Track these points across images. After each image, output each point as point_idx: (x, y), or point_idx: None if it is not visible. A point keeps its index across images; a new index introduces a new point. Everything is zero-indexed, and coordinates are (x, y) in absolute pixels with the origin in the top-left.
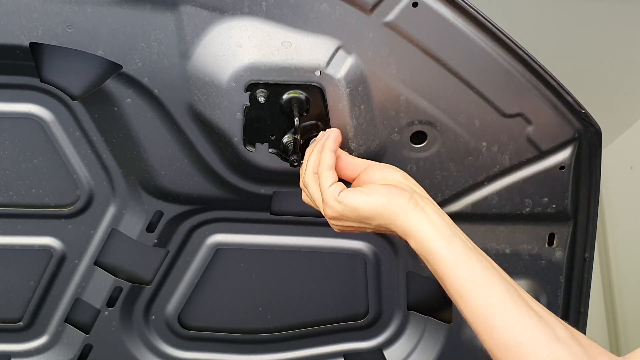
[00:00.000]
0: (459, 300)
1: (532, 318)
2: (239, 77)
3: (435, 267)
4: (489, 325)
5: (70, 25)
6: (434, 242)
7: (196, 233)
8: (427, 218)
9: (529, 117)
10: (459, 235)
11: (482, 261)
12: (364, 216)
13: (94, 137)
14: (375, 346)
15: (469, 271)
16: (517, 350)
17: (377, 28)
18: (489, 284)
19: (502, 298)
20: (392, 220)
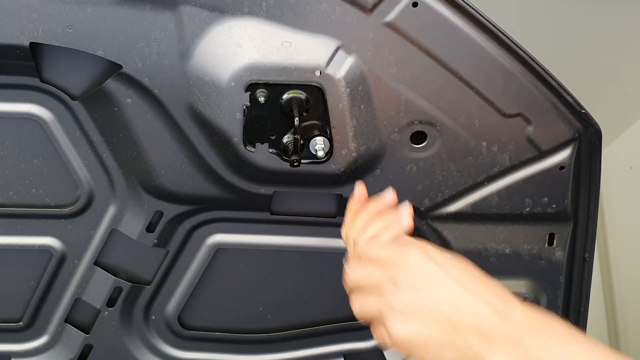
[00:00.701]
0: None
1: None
2: (239, 77)
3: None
4: None
5: (70, 25)
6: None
7: (196, 233)
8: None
9: (529, 117)
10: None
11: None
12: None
13: (94, 137)
14: (375, 346)
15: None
16: None
17: (377, 28)
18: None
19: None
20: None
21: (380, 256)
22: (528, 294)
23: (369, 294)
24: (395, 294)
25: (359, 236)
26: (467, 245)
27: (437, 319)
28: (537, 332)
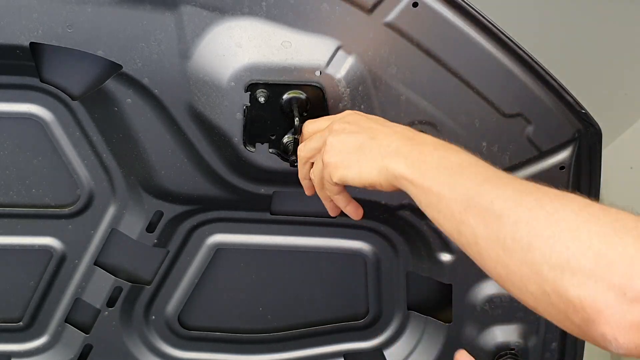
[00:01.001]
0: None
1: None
2: (239, 77)
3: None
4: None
5: (70, 25)
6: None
7: (196, 233)
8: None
9: (528, 117)
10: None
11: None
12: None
13: (94, 137)
14: (375, 346)
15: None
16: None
17: (377, 28)
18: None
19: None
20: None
21: (320, 125)
22: None
23: (313, 160)
24: (329, 137)
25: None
26: None
27: (355, 142)
28: (434, 146)
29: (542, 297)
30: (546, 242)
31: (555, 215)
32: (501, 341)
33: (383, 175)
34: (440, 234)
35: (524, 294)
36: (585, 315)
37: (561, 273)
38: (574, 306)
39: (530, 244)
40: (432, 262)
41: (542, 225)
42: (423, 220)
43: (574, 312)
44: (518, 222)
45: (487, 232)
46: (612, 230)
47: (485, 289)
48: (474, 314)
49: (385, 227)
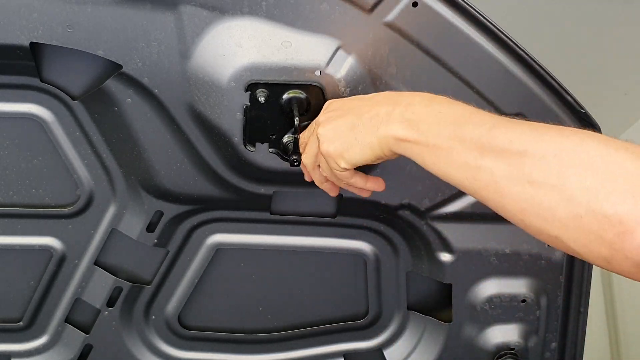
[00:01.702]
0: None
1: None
2: (239, 77)
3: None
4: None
5: (70, 25)
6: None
7: (196, 233)
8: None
9: (528, 117)
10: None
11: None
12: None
13: (94, 137)
14: (375, 346)
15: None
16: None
17: (377, 28)
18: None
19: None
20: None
21: (309, 129)
22: (528, 294)
23: (314, 160)
24: (318, 129)
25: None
26: (467, 245)
27: (345, 124)
28: (423, 103)
29: (572, 221)
30: (578, 168)
31: (583, 144)
32: (501, 341)
33: (384, 144)
34: (440, 234)
35: (550, 224)
36: (621, 229)
37: (596, 193)
38: (610, 221)
39: (561, 172)
40: (432, 262)
41: (571, 154)
42: (423, 220)
43: (609, 228)
44: (545, 154)
45: (509, 170)
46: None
47: (485, 289)
48: (474, 313)
49: (385, 227)
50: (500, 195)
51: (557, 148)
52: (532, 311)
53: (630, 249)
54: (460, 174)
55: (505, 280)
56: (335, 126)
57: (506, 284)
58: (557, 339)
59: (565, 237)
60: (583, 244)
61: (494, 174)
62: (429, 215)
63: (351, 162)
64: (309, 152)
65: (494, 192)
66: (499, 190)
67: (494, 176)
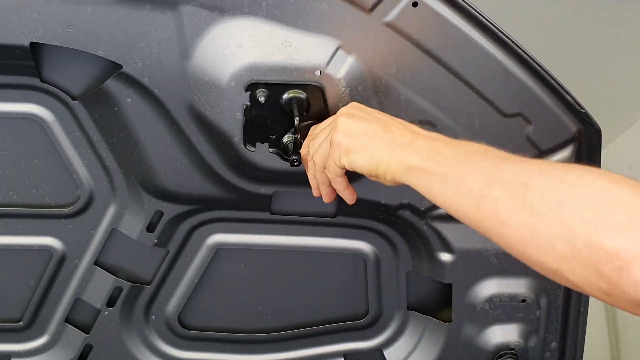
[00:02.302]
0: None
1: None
2: (239, 76)
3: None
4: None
5: (70, 25)
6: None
7: (196, 233)
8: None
9: (528, 117)
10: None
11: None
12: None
13: (94, 137)
14: (375, 346)
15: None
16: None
17: (377, 28)
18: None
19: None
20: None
21: (326, 122)
22: (528, 294)
23: (320, 147)
24: (339, 118)
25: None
26: (467, 245)
27: (368, 128)
28: (445, 140)
29: (571, 253)
30: (578, 201)
31: (585, 179)
32: (501, 341)
33: (394, 166)
34: (440, 233)
35: (549, 255)
36: (619, 264)
37: (595, 227)
38: (608, 256)
39: (562, 203)
40: (432, 262)
41: (572, 187)
42: (423, 220)
43: (606, 262)
44: (547, 186)
45: (512, 199)
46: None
47: (485, 289)
48: (474, 313)
49: (385, 227)
50: (502, 224)
51: (558, 180)
52: (532, 311)
53: (627, 285)
54: (465, 203)
55: (505, 280)
56: (358, 124)
57: (506, 284)
58: (557, 339)
59: (564, 269)
60: (582, 277)
61: (497, 203)
62: (429, 215)
63: (351, 165)
64: (319, 137)
65: (496, 221)
66: (500, 219)
67: (496, 205)
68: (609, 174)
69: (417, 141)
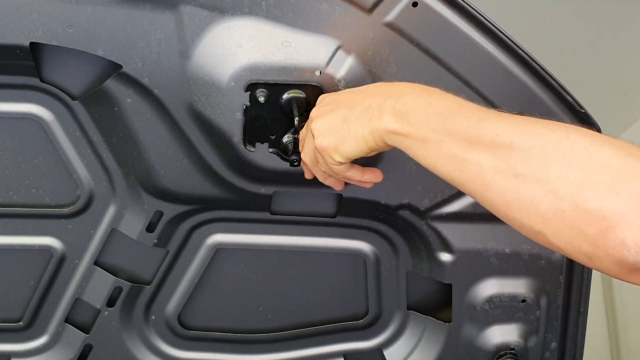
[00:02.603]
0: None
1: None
2: (239, 76)
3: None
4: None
5: (70, 25)
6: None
7: (196, 233)
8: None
9: None
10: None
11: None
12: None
13: (94, 137)
14: (375, 346)
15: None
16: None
17: (377, 28)
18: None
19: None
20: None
21: (304, 131)
22: (528, 294)
23: (309, 155)
24: (312, 124)
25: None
26: (467, 245)
27: (338, 117)
28: (415, 93)
29: (554, 215)
30: (563, 162)
31: (569, 138)
32: (501, 341)
33: (377, 136)
34: (440, 234)
35: (533, 217)
36: (604, 225)
37: (579, 188)
38: (593, 217)
39: (546, 165)
40: (432, 262)
41: (556, 148)
42: (423, 220)
43: (591, 223)
44: (531, 147)
45: (496, 162)
46: (627, 152)
47: (485, 289)
48: (474, 313)
49: (385, 227)
50: (485, 187)
51: (542, 141)
52: (532, 311)
53: (612, 245)
54: (448, 166)
55: (505, 280)
56: (328, 120)
57: (506, 284)
58: (557, 339)
59: (547, 231)
60: (565, 239)
61: (481, 167)
62: (429, 215)
63: (346, 156)
64: (307, 148)
65: (480, 184)
66: (484, 182)
67: (480, 169)
68: (594, 134)
69: (386, 102)
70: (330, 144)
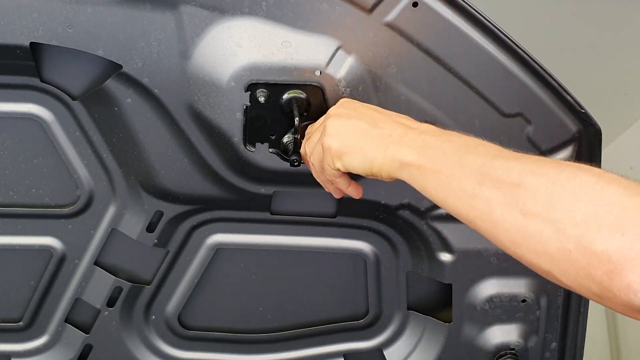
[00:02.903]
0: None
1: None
2: (239, 77)
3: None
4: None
5: (70, 25)
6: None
7: (196, 233)
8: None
9: (528, 117)
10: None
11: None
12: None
13: (94, 137)
14: (375, 346)
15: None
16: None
17: (377, 28)
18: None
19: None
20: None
21: (319, 121)
22: (528, 294)
23: (314, 150)
24: (327, 120)
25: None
26: (467, 245)
27: (357, 128)
28: (435, 133)
29: (562, 255)
30: (569, 201)
31: (576, 179)
32: (501, 341)
33: (387, 165)
34: (440, 233)
35: (541, 257)
36: (610, 267)
37: (586, 228)
38: (599, 259)
39: (553, 204)
40: (432, 262)
41: (563, 187)
42: (423, 220)
43: (598, 265)
44: (538, 187)
45: (505, 200)
46: (635, 191)
47: (485, 289)
48: (474, 313)
49: (385, 227)
50: (494, 225)
51: (550, 180)
52: (532, 311)
53: (619, 288)
54: (458, 201)
55: (505, 280)
56: (345, 125)
57: (506, 284)
58: (557, 339)
59: (556, 271)
60: (574, 279)
61: (490, 204)
62: (429, 215)
63: (346, 167)
64: (313, 139)
65: (489, 222)
66: (493, 220)
67: (489, 206)
68: (602, 173)
69: (408, 135)
70: (338, 148)
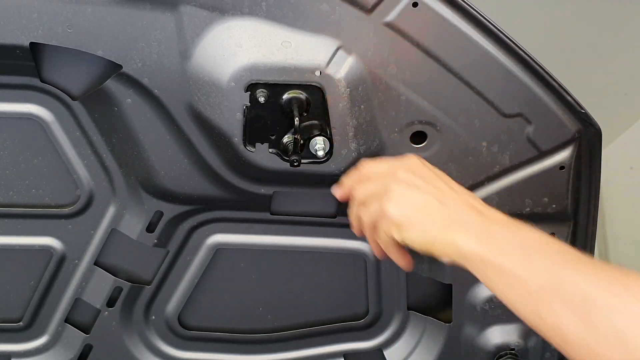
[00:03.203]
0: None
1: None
2: (239, 77)
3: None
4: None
5: (70, 25)
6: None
7: (196, 233)
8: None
9: (528, 117)
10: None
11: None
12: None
13: (94, 137)
14: (375, 346)
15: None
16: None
17: (377, 28)
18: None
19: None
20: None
21: (380, 169)
22: None
23: (368, 203)
24: (394, 184)
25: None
26: None
27: (423, 201)
28: (505, 224)
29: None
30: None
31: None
32: (501, 341)
33: (448, 247)
34: None
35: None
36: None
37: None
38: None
39: (625, 333)
40: (432, 262)
41: (634, 313)
42: None
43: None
44: (610, 311)
45: (575, 318)
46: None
47: (485, 289)
48: (474, 314)
49: None
50: (562, 340)
51: (622, 303)
52: None
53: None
54: (523, 305)
55: None
56: (413, 196)
57: None
58: None
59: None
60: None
61: (559, 319)
62: None
63: (404, 240)
64: (369, 189)
65: (557, 335)
66: (564, 336)
67: (558, 320)
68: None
69: (473, 220)
70: (399, 218)
